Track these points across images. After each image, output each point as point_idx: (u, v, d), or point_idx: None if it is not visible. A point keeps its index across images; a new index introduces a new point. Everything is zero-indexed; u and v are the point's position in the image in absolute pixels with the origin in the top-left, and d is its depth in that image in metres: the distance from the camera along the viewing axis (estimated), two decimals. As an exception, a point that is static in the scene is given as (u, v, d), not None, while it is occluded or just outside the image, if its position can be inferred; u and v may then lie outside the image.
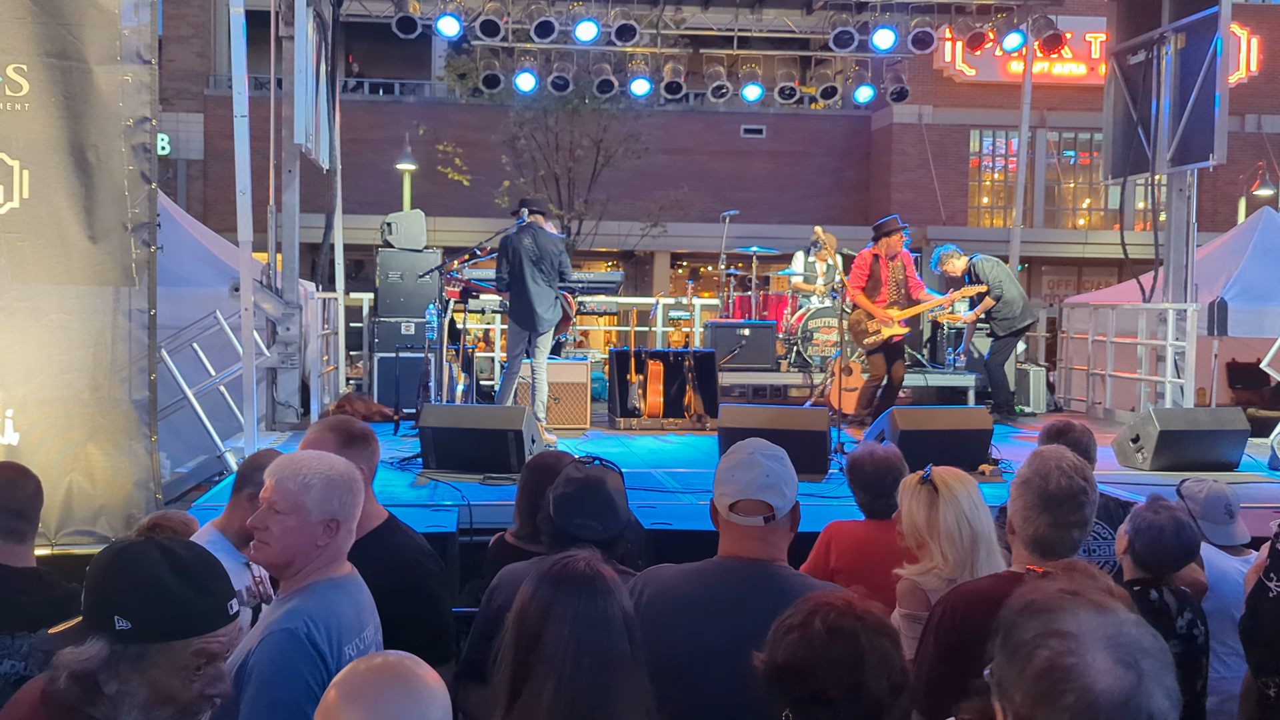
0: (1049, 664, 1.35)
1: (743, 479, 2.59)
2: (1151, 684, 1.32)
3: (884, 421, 7.22)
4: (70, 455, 5.23)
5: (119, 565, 1.92)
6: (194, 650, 1.88)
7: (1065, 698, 1.33)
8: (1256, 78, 24.20)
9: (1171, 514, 3.43)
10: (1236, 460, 7.64)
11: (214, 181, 23.84)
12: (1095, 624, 1.37)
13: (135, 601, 1.86)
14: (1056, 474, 2.61)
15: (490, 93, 13.99)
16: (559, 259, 8.64)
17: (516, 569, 3.06)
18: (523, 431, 6.83)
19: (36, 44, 5.15)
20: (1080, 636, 1.36)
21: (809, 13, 12.81)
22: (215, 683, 1.93)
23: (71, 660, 1.83)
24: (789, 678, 1.90)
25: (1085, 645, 1.35)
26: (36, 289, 5.20)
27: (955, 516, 2.96)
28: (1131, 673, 1.32)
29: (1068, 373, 12.82)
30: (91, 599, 1.90)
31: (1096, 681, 1.32)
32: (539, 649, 2.09)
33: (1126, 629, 1.37)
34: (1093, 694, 1.32)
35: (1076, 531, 2.61)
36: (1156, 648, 1.36)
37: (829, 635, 1.91)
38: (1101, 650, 1.34)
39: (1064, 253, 25.17)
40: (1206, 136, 9.31)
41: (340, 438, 3.00)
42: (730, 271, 12.58)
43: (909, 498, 3.08)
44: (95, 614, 1.87)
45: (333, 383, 11.43)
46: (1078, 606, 1.40)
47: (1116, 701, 1.31)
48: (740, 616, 2.42)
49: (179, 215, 11.09)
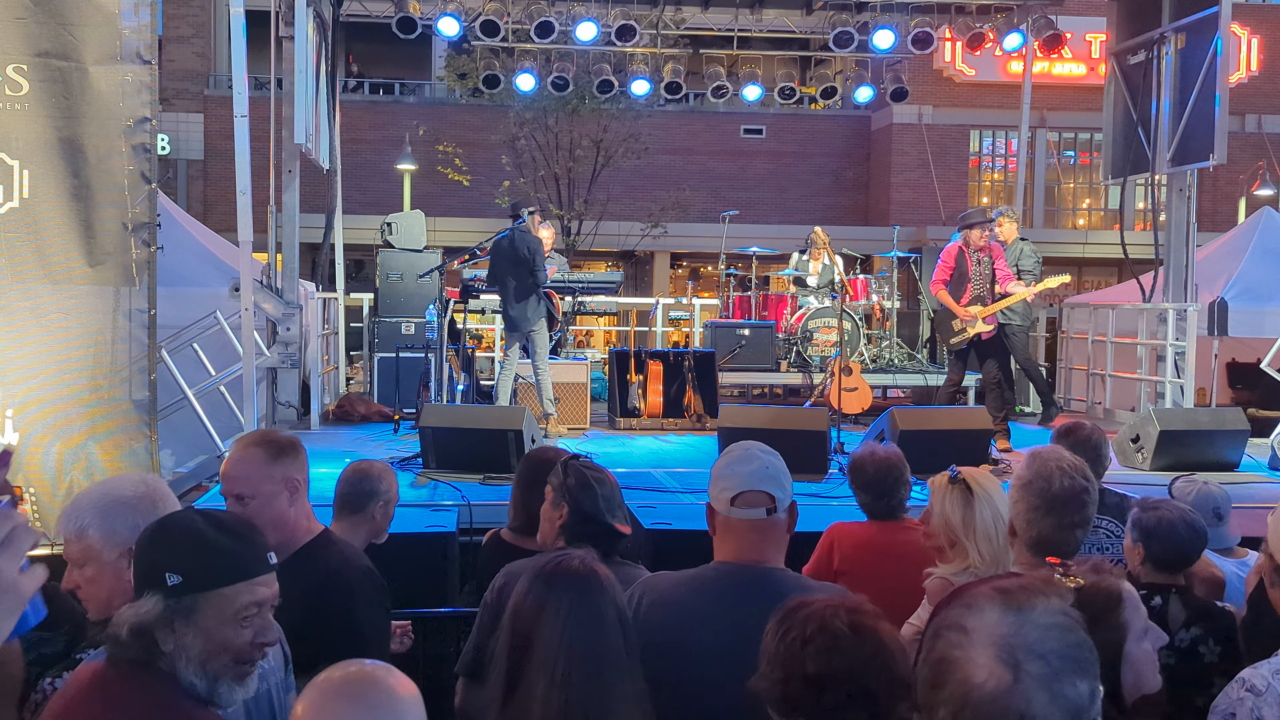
0: (940, 655, 1.43)
1: (743, 471, 2.59)
2: (1031, 686, 1.36)
3: (884, 421, 7.22)
4: (70, 455, 5.22)
5: (164, 530, 2.06)
6: (242, 598, 1.99)
7: (947, 688, 1.41)
8: (1256, 78, 24.19)
9: (1172, 506, 3.41)
10: (1236, 460, 7.64)
11: (214, 181, 23.84)
12: (992, 622, 1.42)
13: (183, 556, 1.99)
14: (1058, 475, 2.61)
15: (490, 93, 14.01)
16: (532, 260, 8.66)
17: (524, 565, 3.06)
18: (523, 431, 6.83)
19: (36, 44, 5.14)
20: (971, 632, 1.42)
21: (809, 13, 12.81)
22: (266, 631, 2.03)
23: (130, 617, 1.95)
24: (824, 685, 1.87)
25: (973, 641, 1.41)
26: (36, 289, 5.20)
27: (992, 514, 2.97)
28: (1009, 672, 1.37)
29: (1068, 373, 12.82)
30: (142, 564, 2.03)
31: (973, 676, 1.38)
32: (533, 647, 2.09)
33: (1027, 631, 1.40)
34: (967, 687, 1.38)
35: (1079, 531, 2.61)
36: (1057, 653, 1.39)
37: (856, 634, 1.89)
38: (986, 647, 1.39)
39: (1064, 253, 25.14)
40: (1206, 136, 9.31)
41: (268, 451, 2.88)
42: (730, 271, 12.58)
43: (941, 498, 3.06)
44: (148, 576, 2.00)
45: (333, 383, 11.43)
46: (989, 604, 1.44)
47: (986, 698, 1.37)
48: (739, 622, 2.40)
49: (179, 215, 11.09)
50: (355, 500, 3.62)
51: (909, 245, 16.20)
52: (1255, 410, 9.99)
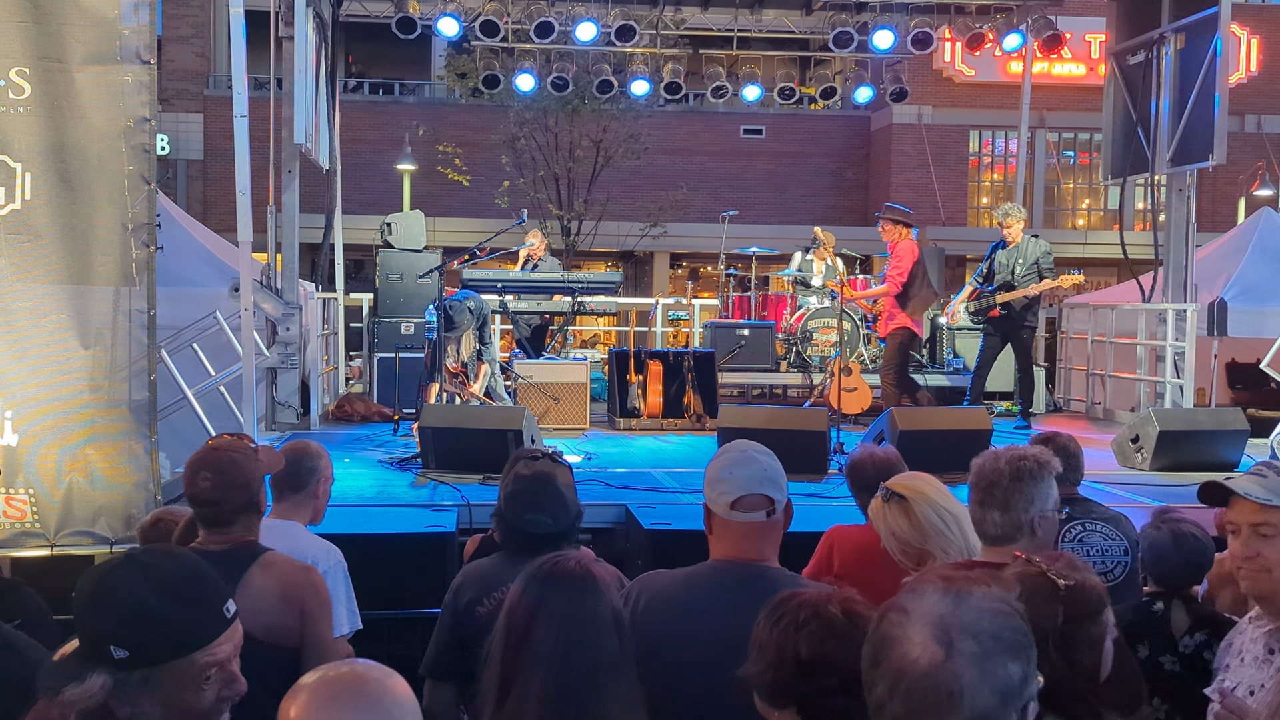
0: (882, 633, 1.50)
1: (742, 475, 2.60)
2: (963, 663, 1.42)
3: (883, 422, 7.22)
4: (70, 456, 5.22)
5: (102, 593, 1.85)
6: (200, 661, 1.85)
7: (884, 664, 1.48)
8: (1256, 78, 24.19)
9: (1173, 527, 3.35)
10: (1236, 460, 7.64)
11: (214, 181, 23.84)
12: (931, 603, 1.48)
13: (126, 629, 1.81)
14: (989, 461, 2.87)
15: (490, 93, 13.99)
16: None
17: (479, 564, 3.09)
18: (522, 432, 6.84)
19: (37, 47, 5.14)
20: (911, 613, 1.49)
21: (809, 13, 12.81)
22: (230, 684, 1.90)
23: (78, 698, 1.79)
24: (816, 670, 1.88)
25: (911, 620, 1.47)
26: (36, 289, 5.19)
27: (934, 510, 2.96)
28: (941, 649, 1.43)
29: (1067, 373, 12.82)
30: (83, 630, 1.85)
31: (909, 652, 1.45)
32: (528, 647, 2.08)
33: (963, 612, 1.47)
34: (902, 663, 1.45)
35: (996, 513, 2.78)
36: (991, 634, 1.45)
37: (850, 619, 1.91)
38: (922, 626, 1.46)
39: (1063, 253, 25.00)
40: (1206, 137, 9.31)
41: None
42: (730, 272, 12.58)
43: (884, 520, 3.02)
44: (90, 645, 1.83)
45: (333, 383, 11.43)
46: (931, 589, 1.51)
47: (920, 672, 1.43)
48: (736, 619, 2.40)
49: (179, 215, 11.09)
50: (297, 479, 3.60)
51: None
52: (1255, 410, 9.99)
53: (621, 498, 6.31)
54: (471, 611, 2.92)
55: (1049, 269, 9.65)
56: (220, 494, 2.88)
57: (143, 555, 1.93)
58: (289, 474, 3.58)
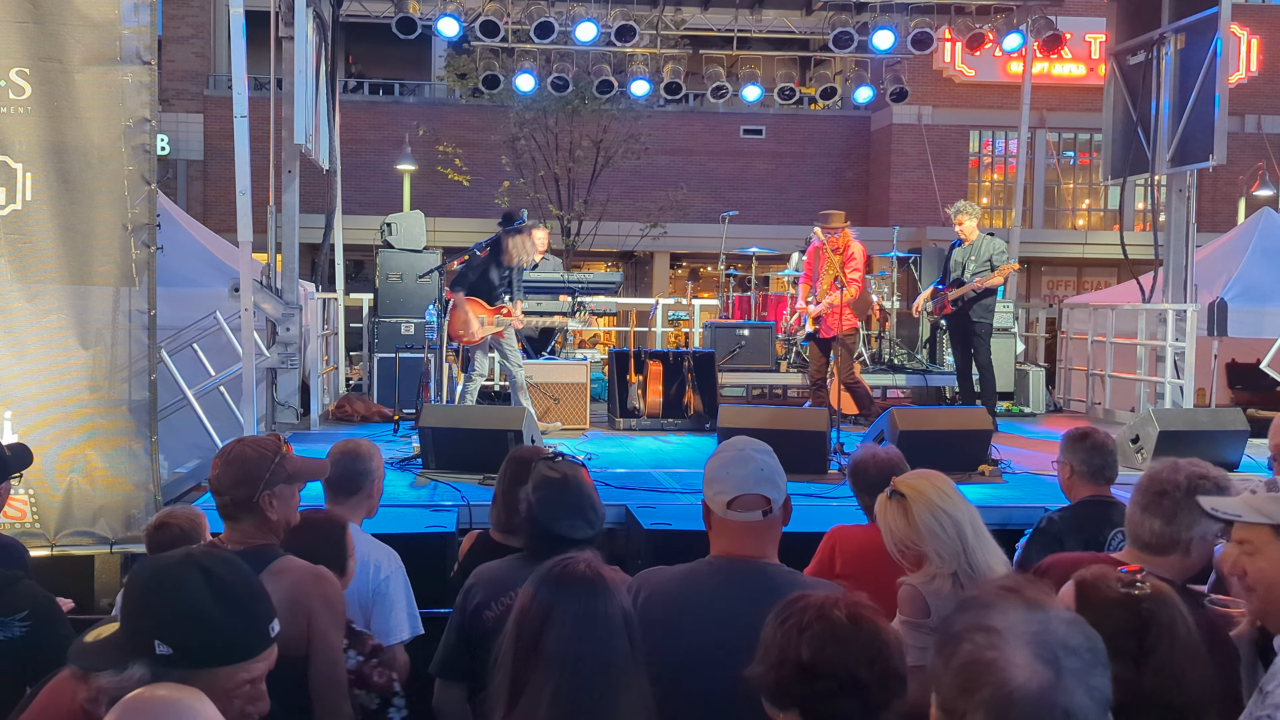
0: (971, 657, 1.39)
1: (738, 474, 2.60)
2: (1071, 681, 1.35)
3: (883, 422, 7.22)
4: (70, 456, 5.22)
5: (159, 586, 1.86)
6: (236, 677, 1.85)
7: (983, 691, 1.36)
8: (1256, 78, 24.18)
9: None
10: (1236, 461, 7.64)
11: (214, 181, 23.83)
12: (1020, 620, 1.39)
13: (176, 627, 1.81)
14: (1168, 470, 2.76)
15: (490, 93, 13.98)
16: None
17: (491, 567, 3.07)
18: (523, 432, 6.84)
19: (37, 48, 5.15)
20: (1003, 632, 1.39)
21: (809, 13, 12.81)
22: (255, 701, 1.90)
23: (112, 687, 1.79)
24: (817, 672, 1.88)
25: (1007, 640, 1.38)
26: (37, 290, 5.20)
27: (930, 511, 2.95)
28: (1050, 669, 1.35)
29: (1067, 373, 12.82)
30: (131, 620, 1.86)
31: (1013, 676, 1.35)
32: (539, 651, 2.08)
33: (1053, 626, 1.39)
34: (1009, 688, 1.34)
35: (1158, 522, 2.70)
36: (1085, 647, 1.38)
37: (854, 624, 1.91)
38: (1022, 646, 1.37)
39: (1063, 253, 25.17)
40: (1206, 137, 9.30)
41: None
42: (730, 272, 12.58)
43: (885, 518, 3.04)
44: (135, 636, 1.83)
45: (333, 383, 11.43)
46: (1008, 603, 1.42)
47: (1031, 697, 1.34)
48: (734, 615, 2.42)
49: (179, 215, 11.09)
50: (352, 482, 3.59)
51: (908, 246, 16.18)
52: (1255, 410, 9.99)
53: (621, 498, 6.32)
54: (480, 615, 2.92)
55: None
56: (222, 485, 2.89)
57: (204, 558, 1.93)
58: (343, 477, 3.56)
